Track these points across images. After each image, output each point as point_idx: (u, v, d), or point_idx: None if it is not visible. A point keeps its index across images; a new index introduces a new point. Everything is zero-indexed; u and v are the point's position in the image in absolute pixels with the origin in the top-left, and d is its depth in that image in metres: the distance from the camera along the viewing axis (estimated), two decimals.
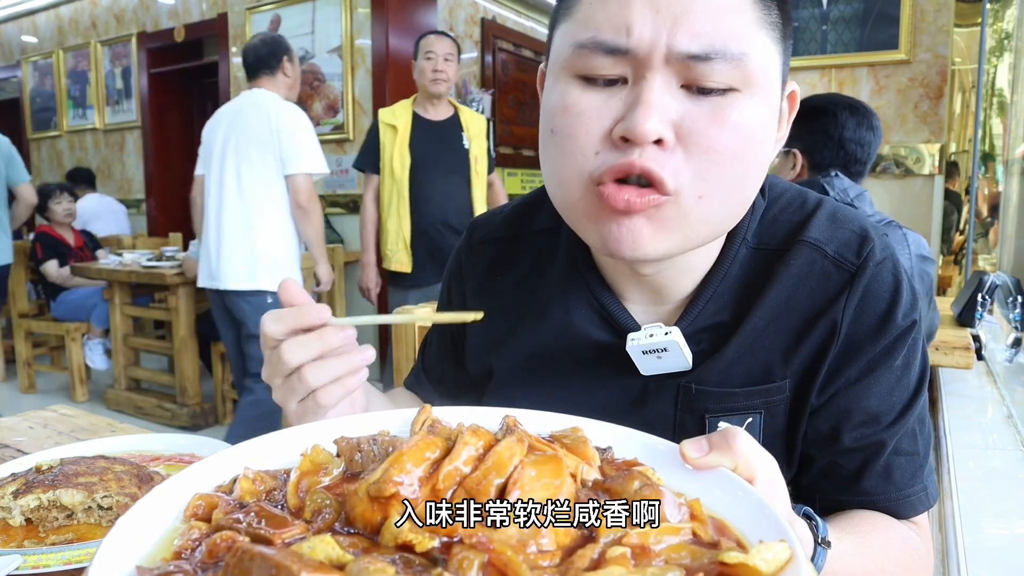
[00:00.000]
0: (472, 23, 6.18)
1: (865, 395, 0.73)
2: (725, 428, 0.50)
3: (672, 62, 0.60)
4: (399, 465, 0.37)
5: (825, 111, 1.95)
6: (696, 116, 0.61)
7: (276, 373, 0.66)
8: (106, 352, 4.71)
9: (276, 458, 0.51)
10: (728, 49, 0.60)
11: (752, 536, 0.41)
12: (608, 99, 0.63)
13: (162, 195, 6.39)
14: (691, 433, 0.69)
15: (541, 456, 0.39)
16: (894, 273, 0.73)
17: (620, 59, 0.62)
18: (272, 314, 0.66)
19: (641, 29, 0.60)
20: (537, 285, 0.84)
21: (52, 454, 0.94)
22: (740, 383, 0.74)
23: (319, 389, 0.64)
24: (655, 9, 0.60)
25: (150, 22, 6.14)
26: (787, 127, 0.72)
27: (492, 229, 0.91)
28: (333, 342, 0.65)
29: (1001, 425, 1.74)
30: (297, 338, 0.65)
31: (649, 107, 0.60)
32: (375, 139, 3.20)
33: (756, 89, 0.62)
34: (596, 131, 0.64)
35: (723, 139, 0.61)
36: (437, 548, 0.34)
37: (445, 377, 0.97)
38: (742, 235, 0.76)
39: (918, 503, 0.76)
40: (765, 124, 0.64)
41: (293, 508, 0.42)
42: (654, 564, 0.36)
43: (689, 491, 0.44)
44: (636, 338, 0.74)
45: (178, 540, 0.39)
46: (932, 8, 3.24)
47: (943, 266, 3.34)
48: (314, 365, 0.64)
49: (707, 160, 0.62)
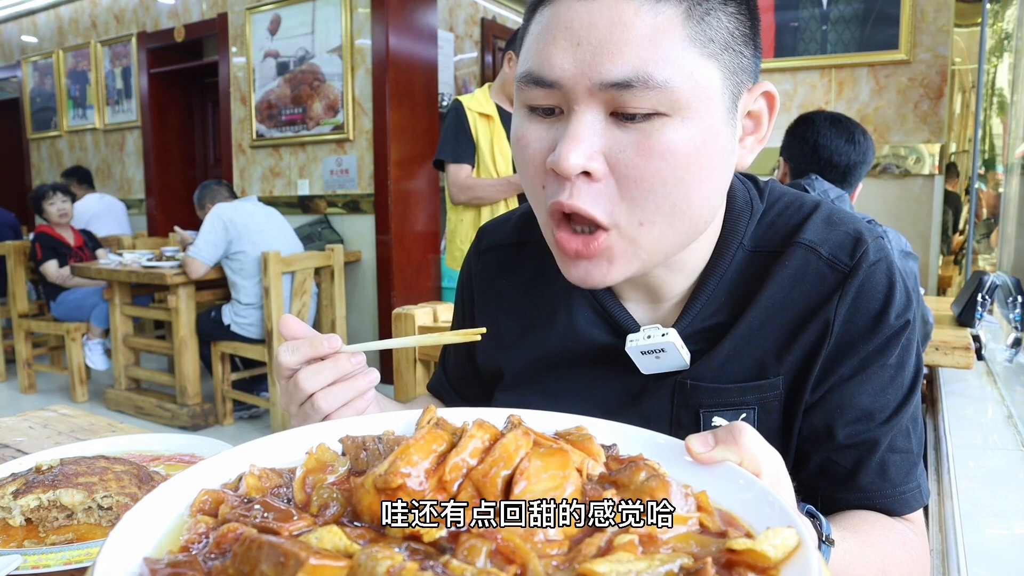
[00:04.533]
0: (472, 23, 6.18)
1: (858, 392, 0.74)
2: (732, 423, 0.50)
3: (595, 93, 0.62)
4: (406, 457, 0.37)
5: (806, 121, 2.06)
6: (623, 145, 0.63)
7: (292, 401, 0.70)
8: (106, 352, 4.71)
9: (281, 457, 0.51)
10: (651, 76, 0.60)
11: (759, 527, 0.41)
12: (547, 129, 0.66)
13: (162, 195, 6.39)
14: (687, 428, 0.70)
15: (548, 449, 0.39)
16: (888, 274, 0.74)
17: (551, 91, 0.64)
18: (287, 345, 0.70)
19: (562, 62, 0.62)
20: (543, 290, 0.86)
21: (52, 454, 0.94)
22: (734, 379, 0.76)
23: (332, 414, 0.69)
24: (576, 41, 0.61)
25: (150, 22, 6.14)
26: (767, 127, 0.72)
27: (499, 237, 0.94)
28: (345, 368, 0.69)
29: (1001, 425, 1.74)
30: (312, 366, 0.69)
31: (572, 140, 0.62)
32: (465, 126, 2.86)
33: (686, 111, 0.62)
34: (539, 163, 0.67)
35: (650, 167, 0.62)
36: (444, 537, 0.34)
37: (467, 381, 0.99)
38: (738, 239, 0.77)
39: (913, 500, 0.77)
40: (699, 144, 0.64)
41: (299, 503, 0.42)
42: (662, 551, 0.36)
43: (696, 486, 0.44)
44: (635, 339, 0.76)
45: (185, 534, 0.39)
46: (932, 8, 3.24)
47: (943, 266, 3.34)
48: (326, 392, 0.68)
49: (637, 189, 0.64)
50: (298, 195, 5.18)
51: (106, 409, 4.39)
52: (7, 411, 4.05)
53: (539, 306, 0.86)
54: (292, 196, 5.21)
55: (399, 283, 4.77)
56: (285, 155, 5.24)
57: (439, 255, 4.95)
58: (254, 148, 5.38)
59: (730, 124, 0.67)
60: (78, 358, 4.63)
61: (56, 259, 4.69)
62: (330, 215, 5.04)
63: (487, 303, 0.92)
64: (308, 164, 5.12)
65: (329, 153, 5.00)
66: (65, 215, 4.85)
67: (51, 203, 4.78)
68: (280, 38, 5.06)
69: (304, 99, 5.00)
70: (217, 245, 3.84)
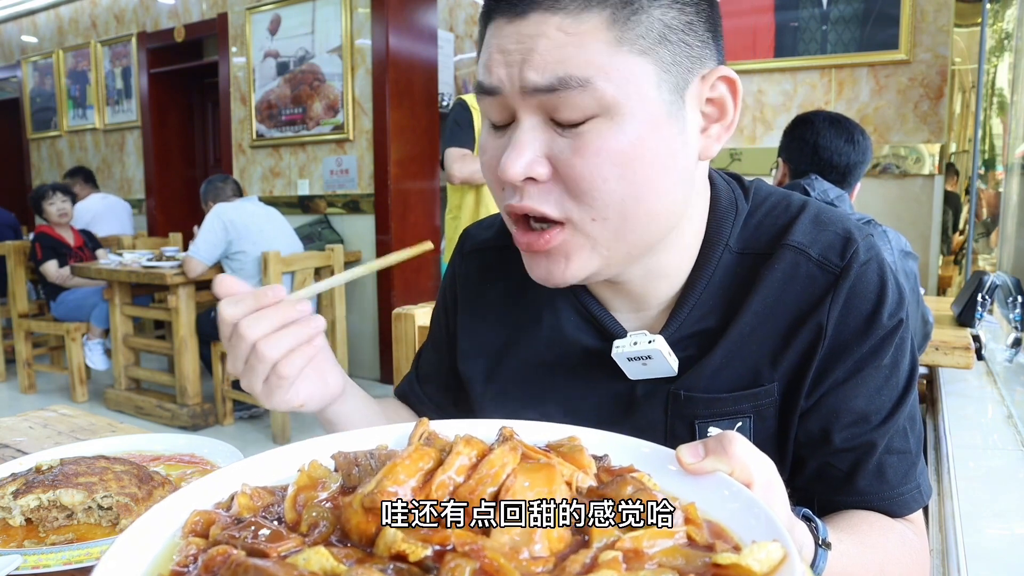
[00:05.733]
0: (472, 23, 6.17)
1: (853, 395, 0.73)
2: (722, 432, 0.50)
3: (528, 98, 0.64)
4: (392, 476, 0.37)
5: (806, 121, 2.06)
6: (562, 148, 0.65)
7: (238, 357, 0.68)
8: (106, 352, 4.71)
9: (275, 474, 0.51)
10: (571, 78, 0.62)
11: (747, 539, 0.41)
12: (500, 139, 0.69)
13: (162, 195, 6.39)
14: (682, 439, 0.69)
15: (534, 464, 0.39)
16: (879, 273, 0.73)
17: (495, 100, 0.67)
18: (230, 300, 0.69)
19: (498, 71, 0.65)
20: (528, 294, 0.85)
21: (52, 454, 0.94)
22: (728, 388, 0.75)
23: (279, 362, 0.67)
24: (506, 52, 0.64)
25: (150, 22, 6.14)
26: (733, 113, 0.70)
27: (483, 240, 0.94)
28: (289, 315, 0.68)
29: (1001, 425, 1.74)
30: (254, 314, 0.67)
31: (514, 149, 0.65)
32: (468, 119, 2.96)
33: (617, 109, 0.63)
34: (496, 170, 0.68)
35: (588, 168, 0.64)
36: (430, 557, 0.34)
37: (441, 387, 0.97)
38: (724, 240, 0.76)
39: (912, 501, 0.76)
40: (636, 140, 0.64)
41: (290, 522, 0.42)
42: (647, 567, 0.36)
43: (686, 496, 0.44)
44: (621, 346, 0.75)
45: (176, 556, 0.39)
46: (932, 8, 3.23)
47: (943, 266, 3.34)
48: (268, 339, 0.67)
49: (580, 189, 0.65)
50: (298, 195, 5.18)
51: (106, 409, 4.39)
52: (7, 411, 4.05)
53: (525, 310, 0.86)
54: (292, 196, 5.21)
55: (399, 283, 4.78)
56: (285, 155, 5.24)
57: (439, 255, 4.95)
58: (254, 148, 5.38)
59: (675, 116, 0.66)
60: (78, 358, 4.63)
61: (56, 259, 4.69)
62: (330, 215, 5.04)
63: (471, 306, 0.91)
64: (308, 164, 5.12)
65: (329, 153, 5.00)
66: (65, 215, 4.84)
67: (51, 203, 4.78)
68: (280, 38, 5.06)
69: (304, 99, 5.00)
70: (216, 245, 3.85)
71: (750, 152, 3.63)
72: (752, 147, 3.64)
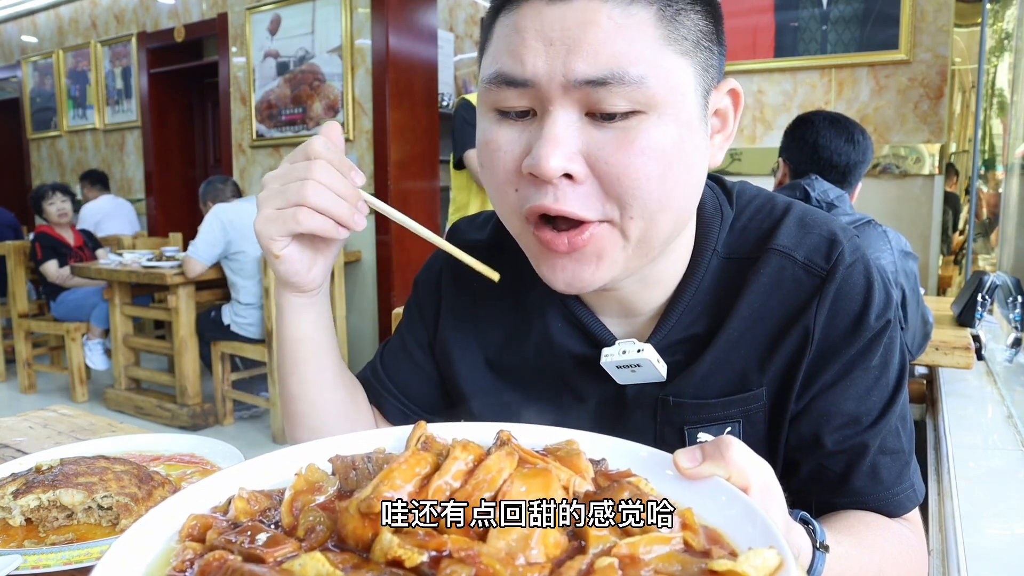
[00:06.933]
0: (472, 23, 6.17)
1: (843, 397, 0.73)
2: (719, 437, 0.50)
3: (571, 91, 0.61)
4: (389, 481, 0.37)
5: (806, 121, 2.06)
6: (602, 143, 0.62)
7: (287, 176, 0.69)
8: (106, 352, 4.71)
9: (272, 478, 0.51)
10: (626, 73, 0.59)
11: (744, 545, 0.41)
12: (520, 132, 0.65)
13: (162, 195, 6.39)
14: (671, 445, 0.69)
15: (531, 469, 0.39)
16: (865, 275, 0.73)
17: (524, 91, 0.63)
18: (327, 142, 0.70)
19: (535, 60, 0.61)
20: (519, 297, 0.84)
21: (52, 454, 0.94)
22: (717, 393, 0.75)
23: (307, 210, 0.68)
24: (548, 40, 0.60)
25: (150, 22, 6.14)
26: (733, 125, 0.72)
27: (474, 235, 0.91)
28: (350, 195, 0.70)
29: (1001, 425, 1.74)
30: (332, 166, 0.69)
31: (550, 142, 0.61)
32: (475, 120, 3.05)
33: (663, 108, 0.62)
34: (511, 166, 0.65)
35: (632, 164, 0.61)
36: (426, 563, 0.34)
37: (399, 380, 0.93)
38: (712, 246, 0.76)
39: (907, 500, 0.76)
40: (678, 141, 0.63)
41: (287, 527, 0.42)
42: (643, 573, 0.36)
43: (683, 501, 0.44)
44: (610, 354, 0.75)
45: (173, 560, 0.39)
46: (932, 8, 3.23)
47: (943, 266, 3.33)
48: (322, 187, 0.68)
49: (621, 187, 0.62)
50: None
51: (106, 409, 4.40)
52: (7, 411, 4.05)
53: (515, 314, 0.84)
54: None
55: (399, 283, 4.77)
56: (285, 155, 5.22)
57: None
58: (254, 148, 5.38)
59: (703, 121, 0.67)
60: (78, 358, 4.63)
61: (56, 259, 4.70)
62: None
63: (456, 303, 0.89)
64: None
65: None
66: (65, 215, 4.85)
67: (51, 203, 4.78)
68: (280, 38, 5.06)
69: (304, 99, 5.00)
70: (215, 245, 3.85)
71: (750, 152, 3.63)
72: (752, 147, 3.63)
